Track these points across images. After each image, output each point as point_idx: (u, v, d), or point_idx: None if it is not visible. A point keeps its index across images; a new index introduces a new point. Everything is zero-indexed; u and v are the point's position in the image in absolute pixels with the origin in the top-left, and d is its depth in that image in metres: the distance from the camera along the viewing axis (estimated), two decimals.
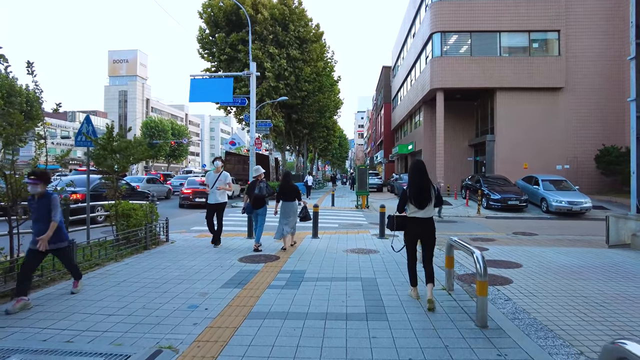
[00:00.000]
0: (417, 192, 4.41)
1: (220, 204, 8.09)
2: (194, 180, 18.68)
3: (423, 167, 4.52)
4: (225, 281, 5.33)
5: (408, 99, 32.12)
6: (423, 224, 4.46)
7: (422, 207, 4.41)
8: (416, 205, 4.43)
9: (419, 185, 4.42)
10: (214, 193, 8.03)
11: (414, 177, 4.48)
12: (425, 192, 4.40)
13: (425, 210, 4.44)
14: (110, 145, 7.71)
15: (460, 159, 27.15)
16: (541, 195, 18.03)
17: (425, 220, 4.47)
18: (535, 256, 7.18)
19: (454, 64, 23.31)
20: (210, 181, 8.08)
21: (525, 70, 22.68)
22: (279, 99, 22.29)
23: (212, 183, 8.03)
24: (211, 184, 8.04)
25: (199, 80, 20.96)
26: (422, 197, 4.40)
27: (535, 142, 22.79)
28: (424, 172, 4.49)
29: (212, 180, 8.07)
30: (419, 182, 4.44)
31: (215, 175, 8.12)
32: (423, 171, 4.49)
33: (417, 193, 4.42)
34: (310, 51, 24.68)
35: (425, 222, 4.47)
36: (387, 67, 46.52)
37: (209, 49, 24.70)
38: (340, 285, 5.11)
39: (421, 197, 4.40)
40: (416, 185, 4.44)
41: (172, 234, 9.69)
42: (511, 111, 23.01)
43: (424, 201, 4.40)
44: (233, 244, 8.21)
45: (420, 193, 4.40)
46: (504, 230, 12.69)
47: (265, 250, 7.60)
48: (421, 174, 4.46)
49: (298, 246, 8.08)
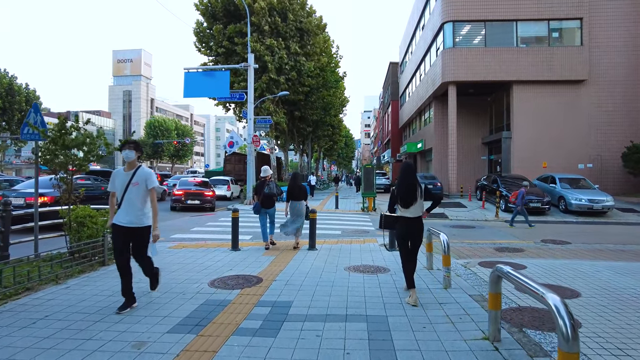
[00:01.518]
0: (404, 192, 4.58)
1: (138, 229, 4.24)
2: (187, 181, 17.33)
3: (411, 169, 4.72)
4: (180, 319, 3.89)
5: (417, 94, 30.53)
6: (411, 223, 4.61)
7: (408, 206, 4.57)
8: (402, 204, 4.61)
9: (406, 186, 4.58)
10: (127, 207, 4.21)
11: (402, 178, 4.66)
12: (411, 193, 4.55)
13: (412, 210, 4.58)
14: (62, 139, 6.35)
15: (473, 158, 25.51)
16: (559, 194, 16.76)
17: (412, 219, 4.61)
18: (589, 277, 5.64)
19: (466, 56, 21.71)
20: (119, 185, 4.27)
21: (544, 62, 21.02)
22: (280, 94, 20.88)
23: (122, 189, 4.23)
24: (120, 190, 4.25)
25: (194, 74, 19.64)
26: (407, 197, 4.55)
27: (555, 140, 21.13)
28: (412, 173, 4.67)
29: (121, 184, 4.25)
30: (405, 182, 4.60)
31: (127, 174, 4.28)
32: (411, 173, 4.67)
33: (403, 193, 4.58)
34: (313, 44, 23.22)
35: (414, 221, 4.61)
36: (394, 63, 44.93)
37: (206, 42, 23.37)
38: (337, 329, 3.65)
39: (407, 197, 4.55)
40: (403, 185, 4.61)
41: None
42: (529, 106, 21.36)
43: (409, 201, 4.55)
44: (211, 259, 6.77)
45: (406, 193, 4.56)
46: (529, 237, 11.17)
47: (251, 265, 6.17)
48: (409, 175, 4.63)
49: (290, 261, 6.63)
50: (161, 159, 78.51)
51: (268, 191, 7.70)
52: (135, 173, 4.29)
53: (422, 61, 28.36)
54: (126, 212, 4.22)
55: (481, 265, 6.48)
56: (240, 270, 5.97)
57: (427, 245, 6.20)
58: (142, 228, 4.29)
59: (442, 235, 5.28)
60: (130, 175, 4.27)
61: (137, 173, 4.30)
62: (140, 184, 4.26)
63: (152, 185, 4.34)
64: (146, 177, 4.31)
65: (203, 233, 10.04)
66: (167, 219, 13.67)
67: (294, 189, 7.95)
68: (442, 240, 5.17)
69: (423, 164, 32.40)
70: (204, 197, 16.23)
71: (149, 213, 4.34)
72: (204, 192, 16.31)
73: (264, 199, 7.71)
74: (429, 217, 15.93)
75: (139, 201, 4.24)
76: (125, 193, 4.23)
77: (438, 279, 5.47)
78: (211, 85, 18.83)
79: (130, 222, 4.21)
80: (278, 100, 23.68)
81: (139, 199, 4.25)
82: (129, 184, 4.24)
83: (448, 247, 5.09)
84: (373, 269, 6.12)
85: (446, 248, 5.09)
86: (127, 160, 4.31)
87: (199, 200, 16.14)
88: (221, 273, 5.76)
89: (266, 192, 7.70)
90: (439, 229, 5.67)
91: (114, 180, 4.35)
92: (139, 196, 4.25)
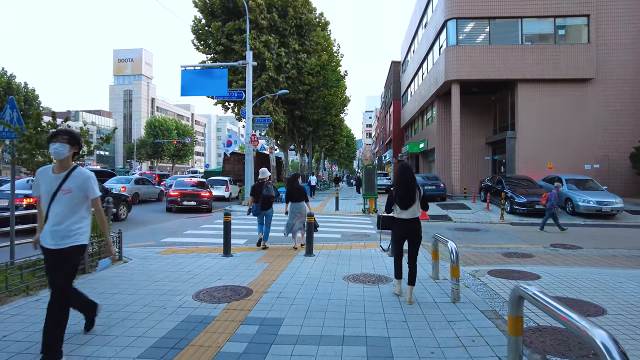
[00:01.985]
0: (402, 193, 4.59)
1: (64, 250, 3.06)
2: (183, 182, 16.87)
3: (409, 171, 4.73)
4: (155, 341, 3.43)
5: (419, 94, 30.04)
6: (409, 224, 4.63)
7: (406, 207, 4.58)
8: (400, 206, 4.61)
9: (404, 188, 4.59)
10: (54, 222, 3.07)
11: (400, 179, 4.66)
12: (410, 194, 4.57)
13: (410, 211, 4.60)
14: (36, 137, 5.90)
15: (477, 158, 25.01)
16: (566, 196, 16.27)
17: (411, 220, 4.63)
18: (612, 290, 5.15)
19: (470, 54, 21.21)
20: (45, 192, 3.12)
21: (550, 60, 20.51)
22: (280, 92, 20.41)
23: (49, 197, 3.09)
24: (46, 198, 3.11)
25: (191, 72, 19.15)
26: (406, 198, 4.57)
27: (560, 140, 20.62)
28: (411, 175, 4.68)
29: (48, 191, 3.10)
30: (404, 184, 4.60)
31: (56, 177, 3.11)
32: (409, 174, 4.67)
33: (401, 195, 4.59)
34: (313, 40, 22.73)
35: (411, 222, 4.63)
36: (396, 62, 44.43)
37: (205, 40, 22.91)
38: (332, 355, 3.17)
39: (405, 199, 4.57)
40: (402, 187, 4.61)
41: (135, 247, 7.86)
42: (534, 105, 20.86)
43: (407, 203, 4.57)
44: (199, 266, 6.31)
45: (404, 195, 4.58)
46: (537, 241, 10.69)
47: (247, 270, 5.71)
48: (407, 177, 4.64)
49: (284, 269, 6.17)
50: (161, 159, 78.20)
51: (267, 193, 7.79)
52: (67, 176, 3.09)
53: (425, 60, 27.87)
54: (51, 230, 3.05)
55: (491, 275, 6.01)
56: (230, 279, 5.51)
57: (433, 252, 5.72)
58: (69, 249, 3.06)
59: (451, 243, 4.81)
60: (61, 180, 3.07)
61: (70, 176, 3.09)
62: (74, 192, 3.08)
63: (94, 196, 3.19)
64: (83, 182, 3.12)
65: (196, 237, 9.59)
66: (161, 221, 13.23)
67: (292, 191, 8.06)
68: (451, 248, 4.70)
69: (425, 164, 31.90)
70: (200, 198, 15.78)
71: (85, 228, 3.21)
72: (201, 193, 15.86)
73: (263, 201, 7.80)
74: (432, 219, 15.48)
75: (70, 215, 3.08)
76: (52, 203, 3.05)
77: (445, 291, 5.00)
78: (209, 84, 18.36)
79: (57, 244, 3.04)
80: (278, 99, 23.22)
81: (70, 212, 3.08)
82: (57, 190, 3.05)
83: (457, 257, 4.63)
84: (374, 278, 5.65)
85: (455, 257, 4.62)
86: (56, 158, 3.10)
87: (195, 202, 15.69)
88: (208, 283, 5.29)
89: (265, 194, 7.78)
90: (443, 233, 5.23)
91: (39, 183, 3.16)
92: (71, 208, 3.08)
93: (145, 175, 30.12)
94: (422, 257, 6.80)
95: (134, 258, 6.86)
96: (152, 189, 20.97)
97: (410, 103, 35.51)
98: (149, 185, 20.92)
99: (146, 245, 8.49)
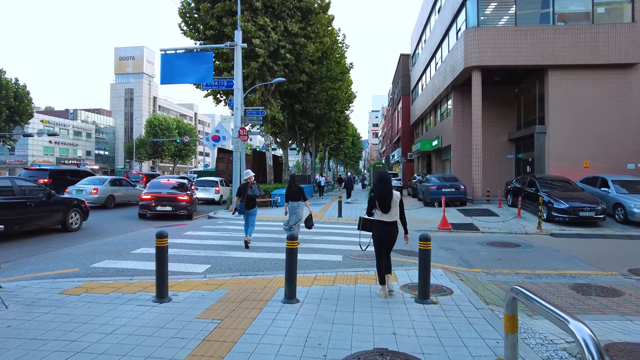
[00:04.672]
0: (382, 198, 4.84)
1: None
2: (159, 183, 14.37)
3: (387, 177, 5.02)
4: None
5: (432, 86, 27.32)
6: (387, 226, 4.88)
7: (386, 211, 4.83)
8: (381, 209, 4.86)
9: (384, 193, 4.84)
10: None
11: (379, 185, 4.91)
12: (388, 199, 4.83)
13: (389, 215, 4.85)
14: None
15: (498, 157, 22.26)
16: (614, 201, 13.69)
17: (389, 223, 4.88)
18: None
19: (493, 36, 18.50)
20: None
21: (587, 43, 17.75)
22: (275, 80, 17.86)
23: None
24: None
25: (172, 56, 16.50)
26: (385, 203, 4.83)
27: (599, 135, 17.85)
28: (388, 181, 4.95)
29: None
30: (383, 190, 4.86)
31: None
32: (386, 180, 4.95)
33: (381, 199, 4.84)
34: (314, 24, 20.15)
35: (389, 225, 4.88)
36: (405, 55, 41.70)
37: (193, 24, 20.44)
38: None
39: (385, 203, 4.83)
40: (381, 192, 4.85)
41: (41, 279, 5.29)
42: (568, 95, 18.10)
43: (387, 207, 4.83)
44: (102, 327, 3.75)
45: (384, 200, 4.83)
46: (601, 260, 8.13)
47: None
48: (385, 183, 4.91)
49: (243, 334, 3.60)
50: (162, 159, 76.03)
51: (252, 193, 8.04)
52: None
53: (439, 47, 25.16)
54: None
55: (608, 353, 3.40)
56: None
57: (508, 319, 2.91)
58: None
59: (579, 328, 2.13)
60: None
61: None
62: None
63: None
64: None
65: (146, 258, 7.04)
66: (125, 231, 10.74)
67: (289, 191, 8.52)
68: (583, 341, 2.08)
69: (438, 163, 29.16)
70: (177, 203, 13.28)
71: None
72: (177, 196, 13.35)
73: (248, 200, 8.03)
74: (455, 229, 12.84)
75: None
76: None
77: None
78: (192, 70, 15.84)
79: None
80: (274, 90, 20.67)
81: None
82: None
83: None
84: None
85: None
86: None
87: (171, 207, 13.19)
88: None
89: (250, 194, 8.02)
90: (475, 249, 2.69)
91: None
92: None
93: (132, 175, 27.71)
94: (481, 320, 4.22)
95: (13, 304, 4.34)
96: (132, 191, 18.51)
97: (421, 97, 32.79)
98: (128, 187, 18.47)
99: (63, 273, 5.97)
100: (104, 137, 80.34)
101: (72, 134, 67.38)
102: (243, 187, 8.18)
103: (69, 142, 66.17)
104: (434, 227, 12.59)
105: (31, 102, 44.89)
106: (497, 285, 6.11)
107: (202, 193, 19.59)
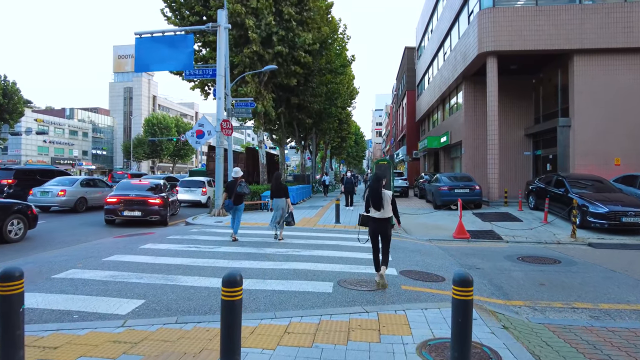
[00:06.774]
0: (374, 197, 5.38)
1: None
2: (129, 183, 12.46)
3: (380, 178, 5.53)
4: None
5: (440, 78, 25.28)
6: (379, 222, 5.45)
7: (378, 209, 5.37)
8: (374, 207, 5.41)
9: (376, 193, 5.38)
10: None
11: (373, 185, 5.47)
12: (379, 199, 5.35)
13: (382, 212, 5.38)
14: None
15: (514, 154, 20.22)
16: None
17: (381, 219, 5.44)
18: None
19: (511, 18, 16.49)
20: None
21: (620, 23, 15.71)
22: (266, 68, 15.93)
23: None
24: None
25: (148, 40, 14.44)
26: (377, 201, 5.36)
27: (633, 128, 15.82)
28: (380, 182, 5.47)
29: None
30: (375, 190, 5.40)
31: None
32: (379, 181, 5.47)
33: (374, 198, 5.39)
34: (311, 8, 18.20)
35: (381, 221, 5.45)
36: (410, 48, 39.67)
37: (178, 9, 18.56)
38: None
39: (376, 201, 5.36)
40: (373, 192, 5.40)
41: None
42: (596, 83, 16.07)
43: (379, 205, 5.35)
44: None
45: (376, 199, 5.37)
46: None
47: None
48: (378, 184, 5.44)
49: None
50: (161, 159, 74.38)
51: (240, 190, 8.54)
52: None
53: (448, 35, 23.13)
54: None
55: None
56: None
57: None
58: None
59: None
60: None
61: None
62: None
63: None
64: None
65: (67, 289, 5.13)
66: (80, 241, 8.86)
67: (273, 188, 9.17)
68: None
69: (447, 162, 27.10)
70: (148, 207, 11.38)
71: None
72: (148, 199, 11.44)
73: (236, 197, 8.54)
74: (474, 238, 10.86)
75: None
76: None
77: None
78: (170, 55, 13.99)
79: None
80: (267, 82, 18.74)
81: None
82: None
83: None
84: None
85: None
86: None
87: (141, 211, 11.30)
88: None
89: (238, 191, 8.52)
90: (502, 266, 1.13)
91: None
92: None
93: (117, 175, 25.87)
94: None
95: None
96: (107, 192, 16.62)
97: (427, 91, 30.75)
98: (103, 188, 16.62)
99: None
100: (102, 136, 78.83)
101: (68, 133, 65.79)
102: (231, 184, 8.62)
103: (64, 141, 64.59)
104: (448, 236, 10.64)
105: (22, 99, 43.24)
106: (557, 335, 4.14)
107: (186, 194, 17.75)
